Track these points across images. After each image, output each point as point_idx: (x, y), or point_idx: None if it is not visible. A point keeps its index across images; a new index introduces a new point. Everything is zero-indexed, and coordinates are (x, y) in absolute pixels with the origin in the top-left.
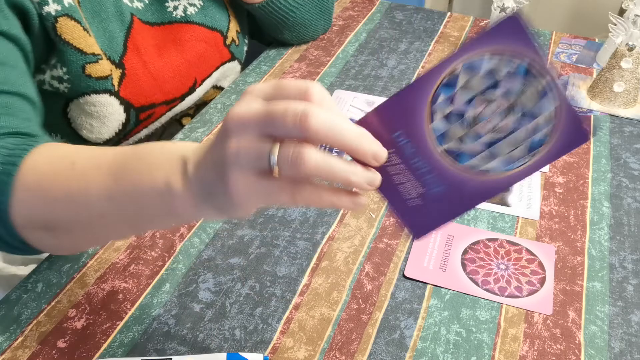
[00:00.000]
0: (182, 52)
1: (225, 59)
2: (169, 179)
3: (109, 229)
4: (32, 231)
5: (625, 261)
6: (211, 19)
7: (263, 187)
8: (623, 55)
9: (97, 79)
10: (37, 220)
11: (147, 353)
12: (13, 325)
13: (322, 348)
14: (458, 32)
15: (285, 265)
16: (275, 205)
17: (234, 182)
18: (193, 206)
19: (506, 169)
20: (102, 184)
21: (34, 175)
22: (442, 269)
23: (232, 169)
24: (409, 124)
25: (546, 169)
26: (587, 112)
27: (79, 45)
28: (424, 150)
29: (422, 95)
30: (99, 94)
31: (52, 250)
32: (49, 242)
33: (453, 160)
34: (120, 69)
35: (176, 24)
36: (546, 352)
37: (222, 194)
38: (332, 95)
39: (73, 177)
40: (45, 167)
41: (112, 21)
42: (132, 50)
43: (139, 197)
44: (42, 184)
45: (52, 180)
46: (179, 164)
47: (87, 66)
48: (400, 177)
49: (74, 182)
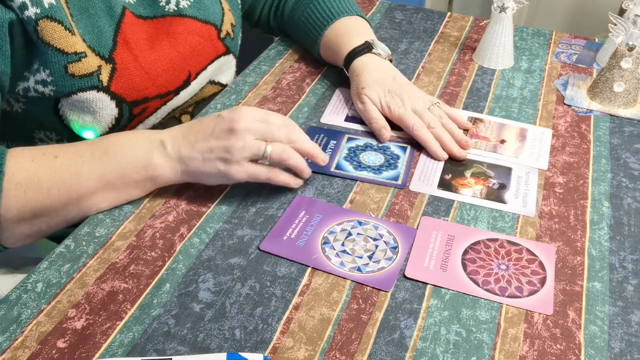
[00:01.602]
0: (175, 45)
1: (220, 52)
2: (150, 154)
3: (97, 201)
4: (16, 225)
5: (625, 261)
6: (204, 13)
7: (253, 168)
8: (623, 55)
9: (81, 77)
10: (28, 211)
11: (147, 353)
12: (13, 325)
13: (322, 348)
14: (458, 32)
15: (285, 265)
16: (255, 180)
17: (235, 165)
18: (172, 176)
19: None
20: (90, 166)
21: (22, 172)
22: (443, 269)
23: (237, 155)
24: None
25: (545, 168)
26: (587, 112)
27: (60, 45)
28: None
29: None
30: (85, 91)
31: (20, 241)
32: (24, 231)
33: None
34: (111, 63)
35: (169, 17)
36: (546, 352)
37: (206, 174)
38: (334, 93)
39: (60, 167)
40: (29, 164)
41: (100, 16)
42: (122, 45)
43: (124, 173)
44: (32, 179)
45: (42, 173)
46: (159, 145)
47: (69, 66)
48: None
49: (64, 170)
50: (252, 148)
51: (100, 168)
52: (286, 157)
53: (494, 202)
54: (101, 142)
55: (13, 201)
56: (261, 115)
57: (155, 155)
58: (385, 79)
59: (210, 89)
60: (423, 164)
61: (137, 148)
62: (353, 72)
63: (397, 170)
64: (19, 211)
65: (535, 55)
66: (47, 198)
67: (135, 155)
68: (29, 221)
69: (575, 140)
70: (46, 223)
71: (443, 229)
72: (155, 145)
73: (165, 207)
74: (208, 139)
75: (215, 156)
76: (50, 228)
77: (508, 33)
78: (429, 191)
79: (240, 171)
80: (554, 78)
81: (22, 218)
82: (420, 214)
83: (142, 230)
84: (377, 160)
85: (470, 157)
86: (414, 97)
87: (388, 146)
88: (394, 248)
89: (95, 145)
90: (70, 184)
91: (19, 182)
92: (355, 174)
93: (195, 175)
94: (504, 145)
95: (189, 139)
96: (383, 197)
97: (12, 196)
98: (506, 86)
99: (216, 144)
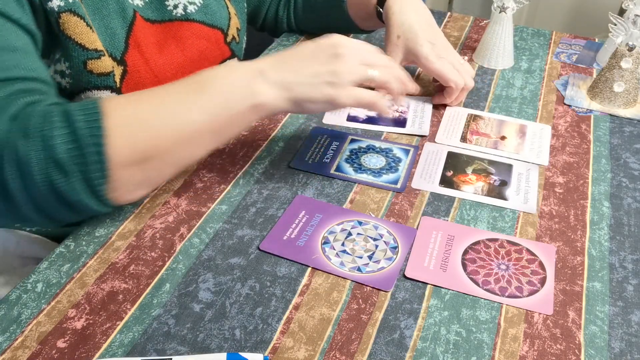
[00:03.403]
0: (183, 49)
1: (226, 56)
2: (253, 82)
3: (201, 142)
4: (126, 168)
5: (625, 261)
6: (211, 17)
7: (360, 92)
8: (623, 55)
9: (99, 75)
10: (139, 152)
11: (147, 353)
12: (13, 325)
13: (322, 348)
14: (458, 32)
15: (285, 265)
16: (359, 103)
17: (342, 89)
18: (277, 103)
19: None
20: (194, 102)
21: (125, 112)
22: (443, 269)
23: (344, 78)
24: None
25: (546, 164)
26: (587, 112)
27: (81, 40)
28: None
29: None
30: (100, 90)
31: (129, 192)
32: (136, 178)
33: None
34: (122, 65)
35: (176, 21)
36: (546, 352)
37: (313, 99)
38: None
39: (163, 104)
40: (130, 105)
41: (113, 18)
42: (133, 47)
43: (229, 105)
44: (137, 117)
45: (146, 112)
46: (257, 73)
47: (88, 62)
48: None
49: (168, 107)
50: (358, 71)
51: (203, 101)
52: (388, 79)
53: (495, 199)
54: (198, 77)
55: (121, 141)
56: (356, 42)
57: (259, 82)
58: (422, 24)
59: None
60: (425, 161)
61: (238, 77)
62: (388, 10)
63: (397, 173)
64: (129, 151)
65: (535, 55)
66: (157, 137)
67: (238, 84)
68: (140, 165)
69: (575, 140)
70: (157, 169)
71: (443, 229)
72: (255, 73)
73: (165, 207)
74: (312, 64)
75: (322, 80)
76: (160, 174)
77: (508, 33)
78: (430, 188)
79: (347, 95)
80: (554, 78)
81: (132, 160)
82: (420, 214)
83: (142, 230)
84: (378, 163)
85: (472, 153)
86: (450, 52)
87: (391, 148)
88: (394, 248)
89: (192, 81)
90: (176, 120)
91: (125, 122)
92: (355, 177)
93: (300, 102)
94: (504, 141)
95: (292, 65)
96: (383, 197)
97: (119, 136)
98: (506, 86)
99: (322, 68)
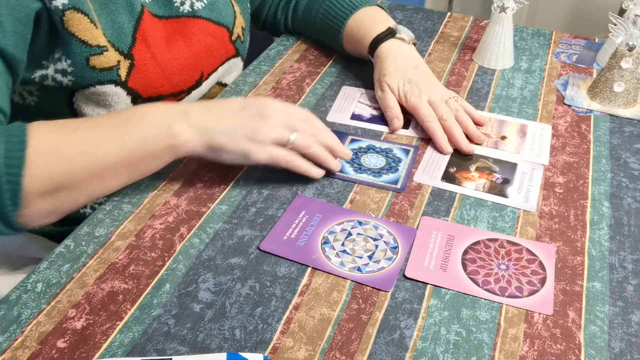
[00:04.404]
0: (189, 45)
1: (231, 54)
2: (173, 122)
3: (116, 176)
4: (39, 197)
5: (625, 261)
6: (218, 15)
7: (276, 151)
8: (623, 55)
9: (102, 70)
10: (52, 182)
11: (147, 353)
12: (13, 325)
13: (322, 348)
14: (458, 32)
15: (285, 265)
16: (275, 163)
17: (259, 145)
18: (194, 147)
19: None
20: (112, 136)
21: (45, 143)
22: (443, 269)
23: (263, 136)
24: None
25: (547, 164)
26: (587, 112)
27: (84, 37)
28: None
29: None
30: (104, 85)
31: (40, 218)
32: (48, 206)
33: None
34: (129, 59)
35: (183, 18)
36: (546, 352)
37: (229, 150)
38: (339, 91)
39: (82, 137)
40: (51, 135)
41: (121, 12)
42: (140, 42)
43: (147, 141)
44: (56, 149)
45: (64, 144)
46: (181, 114)
47: (91, 58)
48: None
49: (87, 141)
50: (278, 132)
51: (121, 137)
52: (309, 145)
53: (495, 196)
54: (122, 113)
55: (37, 171)
56: (286, 106)
57: (178, 123)
58: (407, 67)
59: (217, 90)
60: (429, 156)
61: (159, 116)
62: (377, 58)
63: (397, 174)
64: (42, 182)
65: (535, 55)
66: (71, 168)
67: (158, 123)
68: (51, 195)
69: (575, 140)
70: (69, 198)
71: (443, 229)
72: (178, 114)
73: (165, 207)
74: (237, 117)
75: (241, 133)
76: (72, 204)
77: (508, 33)
78: (432, 183)
79: (263, 152)
80: (554, 78)
81: (45, 190)
82: (420, 214)
83: (142, 230)
84: (378, 163)
85: (477, 151)
86: (432, 89)
87: (391, 149)
88: (394, 248)
89: (116, 116)
90: (92, 154)
91: (43, 152)
92: (355, 177)
93: (216, 149)
94: (504, 141)
95: (217, 113)
96: (383, 197)
97: (35, 166)
98: (506, 86)
99: (245, 122)
